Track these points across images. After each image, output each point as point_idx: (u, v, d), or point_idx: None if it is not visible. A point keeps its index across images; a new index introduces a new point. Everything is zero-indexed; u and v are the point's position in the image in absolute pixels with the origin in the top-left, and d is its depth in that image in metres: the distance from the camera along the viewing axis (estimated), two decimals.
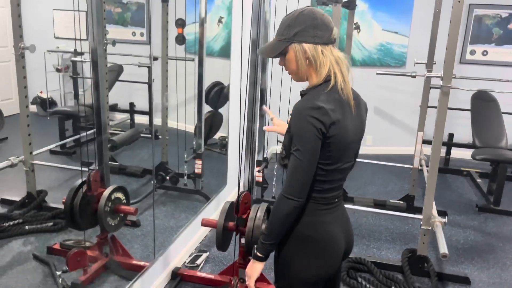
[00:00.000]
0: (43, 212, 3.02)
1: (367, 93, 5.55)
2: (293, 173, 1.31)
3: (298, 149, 1.29)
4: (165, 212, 3.26)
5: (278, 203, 1.34)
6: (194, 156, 3.50)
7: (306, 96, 1.35)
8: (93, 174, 2.33)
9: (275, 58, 1.42)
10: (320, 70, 1.34)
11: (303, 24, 1.32)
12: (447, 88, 2.37)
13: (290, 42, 1.34)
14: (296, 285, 1.44)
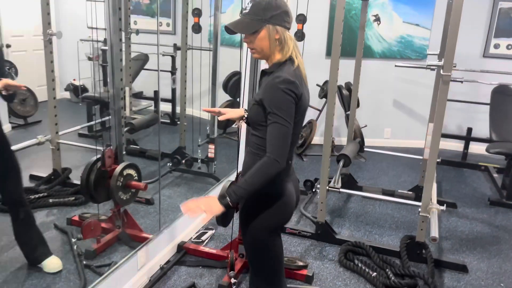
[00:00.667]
0: (67, 187, 3.27)
1: (385, 86, 5.62)
2: (281, 139, 1.46)
3: (281, 117, 1.45)
4: (178, 193, 3.45)
5: (267, 165, 1.45)
6: (207, 141, 3.65)
7: (276, 73, 1.51)
8: (107, 151, 2.52)
9: (247, 35, 1.55)
10: (285, 51, 1.54)
11: (278, 10, 1.50)
12: (447, 77, 2.40)
13: (266, 23, 1.50)
14: (262, 232, 1.64)
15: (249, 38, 1.55)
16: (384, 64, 5.04)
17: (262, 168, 1.46)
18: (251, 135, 1.62)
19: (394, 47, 5.06)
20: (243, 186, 1.46)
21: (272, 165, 1.45)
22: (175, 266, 2.59)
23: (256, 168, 1.47)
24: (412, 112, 5.27)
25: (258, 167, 1.47)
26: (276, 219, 1.64)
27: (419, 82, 5.07)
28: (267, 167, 1.46)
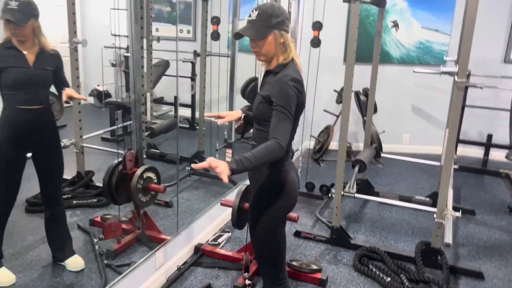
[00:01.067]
0: (90, 190, 3.39)
1: (404, 91, 5.60)
2: (284, 127, 1.59)
3: (286, 109, 1.59)
4: (196, 196, 3.53)
5: (273, 147, 1.55)
6: (225, 145, 3.73)
7: (283, 72, 1.66)
8: (128, 154, 2.62)
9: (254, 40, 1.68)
10: (288, 53, 1.69)
11: (282, 16, 1.66)
12: (462, 83, 2.40)
13: (273, 29, 1.65)
14: (273, 219, 1.77)
15: (256, 42, 1.68)
16: (403, 70, 5.03)
17: (269, 149, 1.55)
18: (257, 130, 1.75)
19: (413, 52, 5.05)
20: (250, 159, 1.51)
21: (276, 148, 1.55)
22: (192, 267, 2.66)
23: (264, 147, 1.55)
24: (431, 117, 5.23)
25: (265, 146, 1.55)
26: (285, 205, 1.77)
27: (438, 87, 5.03)
28: (272, 148, 1.55)
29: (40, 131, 2.21)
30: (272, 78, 1.70)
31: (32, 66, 2.11)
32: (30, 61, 2.11)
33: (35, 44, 2.13)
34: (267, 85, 1.72)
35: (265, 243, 1.81)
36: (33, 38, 2.11)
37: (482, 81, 4.38)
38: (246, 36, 1.68)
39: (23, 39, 2.07)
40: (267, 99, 1.65)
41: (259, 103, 1.71)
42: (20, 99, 2.10)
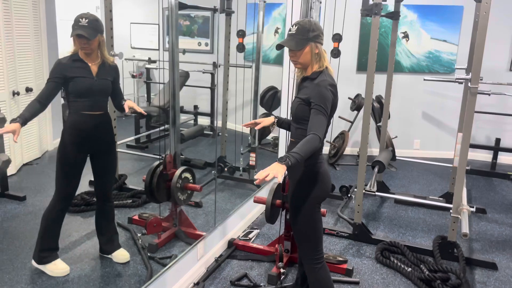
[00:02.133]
0: (123, 192, 3.63)
1: (414, 99, 5.87)
2: (322, 123, 1.83)
3: (324, 108, 1.85)
4: (223, 197, 3.76)
5: (314, 139, 1.78)
6: (249, 149, 3.97)
7: (320, 78, 1.92)
8: (167, 156, 2.87)
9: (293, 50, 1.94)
10: (322, 62, 1.96)
11: (317, 31, 1.94)
12: (475, 89, 2.64)
13: (309, 42, 1.92)
14: (312, 204, 2.01)
15: (295, 53, 1.94)
16: (413, 78, 5.28)
17: (310, 142, 1.78)
18: (296, 128, 2.00)
19: (423, 62, 5.30)
20: (298, 152, 1.72)
21: (316, 140, 1.78)
22: (227, 260, 2.88)
23: (305, 140, 1.78)
24: (440, 124, 5.46)
25: (306, 140, 1.78)
26: (320, 193, 2.02)
27: (447, 95, 5.27)
28: (314, 141, 1.78)
29: (100, 134, 2.46)
30: (309, 83, 1.95)
31: (95, 76, 2.36)
32: (94, 72, 2.35)
33: (98, 57, 2.38)
34: (305, 89, 1.96)
35: (305, 227, 2.03)
36: (97, 51, 2.36)
37: (490, 88, 4.63)
38: (286, 47, 1.95)
39: (91, 51, 2.32)
40: (306, 101, 1.90)
41: (298, 105, 1.95)
42: (85, 106, 2.34)
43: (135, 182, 3.72)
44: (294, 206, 2.06)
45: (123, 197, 3.52)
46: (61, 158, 2.39)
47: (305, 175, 2.00)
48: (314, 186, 1.99)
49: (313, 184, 1.99)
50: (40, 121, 3.28)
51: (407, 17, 5.16)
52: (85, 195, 3.38)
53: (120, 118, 5.54)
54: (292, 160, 1.69)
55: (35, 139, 3.24)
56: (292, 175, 2.08)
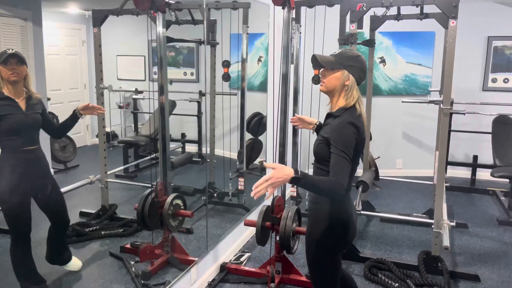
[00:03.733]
0: (114, 221, 3.67)
1: (394, 120, 6.08)
2: (345, 170, 1.70)
3: (344, 152, 1.71)
4: (213, 222, 3.82)
5: (334, 183, 1.66)
6: (237, 174, 4.07)
7: (344, 116, 1.80)
8: (159, 184, 2.95)
9: (324, 67, 1.87)
10: (349, 98, 1.83)
11: (358, 64, 1.84)
12: (447, 110, 2.82)
13: (344, 68, 1.83)
14: (332, 252, 1.91)
15: (326, 72, 1.86)
16: (392, 101, 5.50)
17: (331, 183, 1.67)
18: (317, 168, 1.90)
19: (400, 85, 5.55)
20: (311, 180, 1.64)
21: (338, 185, 1.66)
22: (220, 284, 2.94)
23: (327, 179, 1.69)
24: (420, 143, 5.67)
25: (328, 179, 1.68)
26: (345, 238, 1.91)
27: (425, 115, 5.50)
28: (334, 184, 1.66)
29: (37, 168, 2.43)
30: (332, 121, 1.84)
31: (25, 111, 2.32)
32: (23, 107, 2.32)
33: (24, 92, 2.35)
34: (327, 127, 1.85)
35: (323, 271, 1.94)
36: (23, 86, 2.34)
37: (465, 108, 4.87)
38: (319, 59, 1.84)
39: (19, 79, 2.27)
40: (326, 141, 1.79)
41: (319, 143, 1.84)
42: (20, 142, 2.31)
43: (125, 211, 3.76)
44: (312, 248, 1.94)
45: (114, 227, 3.56)
46: (4, 200, 2.29)
47: (327, 219, 1.87)
48: (335, 234, 1.87)
49: (335, 231, 1.87)
50: None
51: (382, 43, 5.43)
52: (76, 226, 3.41)
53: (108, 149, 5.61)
54: (302, 179, 1.58)
55: None
56: (313, 213, 1.97)
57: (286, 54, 2.74)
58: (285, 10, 2.61)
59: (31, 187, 2.41)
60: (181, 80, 5.66)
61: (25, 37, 3.73)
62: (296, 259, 3.27)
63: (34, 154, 2.39)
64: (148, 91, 5.52)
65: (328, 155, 1.76)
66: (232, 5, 3.57)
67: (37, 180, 2.45)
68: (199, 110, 5.41)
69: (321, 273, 1.95)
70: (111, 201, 3.84)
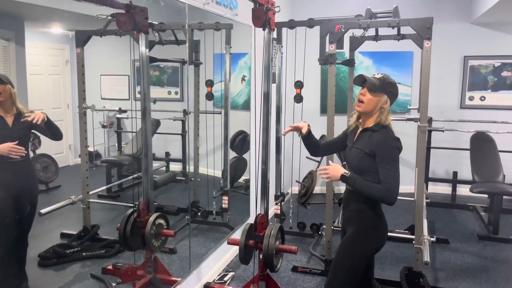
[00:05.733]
0: (96, 242, 3.61)
1: None
2: (396, 181, 1.96)
3: (395, 166, 1.98)
4: (197, 242, 3.80)
5: (384, 192, 1.92)
6: (221, 193, 4.07)
7: (386, 133, 2.04)
8: (141, 203, 2.93)
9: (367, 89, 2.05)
10: (384, 118, 2.06)
11: (396, 91, 2.10)
12: (424, 127, 2.90)
13: (384, 93, 2.04)
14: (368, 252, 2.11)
15: (367, 93, 2.04)
16: None
17: (379, 189, 1.94)
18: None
19: None
20: (361, 183, 1.95)
21: (387, 195, 1.93)
22: None
23: (381, 187, 1.94)
24: (402, 160, 5.71)
25: (382, 188, 1.94)
26: (378, 244, 2.15)
27: (405, 133, 5.53)
28: (382, 192, 1.94)
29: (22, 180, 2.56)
30: (372, 135, 2.04)
31: (11, 127, 2.48)
32: (9, 123, 2.48)
33: (13, 109, 2.52)
34: (367, 141, 2.05)
35: (351, 271, 2.09)
36: (11, 103, 2.52)
37: (443, 125, 4.99)
38: (368, 81, 2.04)
39: (3, 99, 2.46)
40: (369, 154, 2.00)
41: (361, 157, 2.04)
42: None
43: (107, 232, 3.71)
44: (347, 248, 2.11)
45: (96, 248, 3.50)
46: None
47: (368, 223, 2.09)
48: (373, 236, 2.09)
49: (373, 234, 2.09)
50: None
51: (363, 63, 5.57)
52: (57, 247, 3.36)
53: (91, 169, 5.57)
54: (351, 179, 1.94)
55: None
56: (351, 215, 2.15)
57: (267, 73, 2.79)
58: (265, 31, 2.68)
59: (14, 195, 2.50)
60: (166, 99, 5.69)
61: (7, 57, 3.73)
62: (280, 277, 3.26)
63: (20, 165, 2.48)
64: (131, 110, 5.52)
65: (371, 167, 1.99)
66: (215, 26, 3.63)
67: (22, 192, 2.55)
68: (183, 128, 5.43)
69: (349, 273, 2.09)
70: (93, 222, 3.79)
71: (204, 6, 3.04)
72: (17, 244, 2.66)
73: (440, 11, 5.38)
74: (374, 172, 1.99)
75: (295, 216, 4.26)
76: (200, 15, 3.34)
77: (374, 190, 1.96)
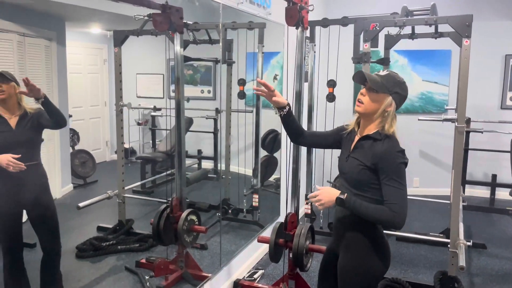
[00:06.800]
0: (131, 236, 3.73)
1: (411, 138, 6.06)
2: (404, 200, 1.65)
3: (402, 183, 1.66)
4: (227, 239, 3.84)
5: (387, 215, 1.64)
6: (252, 191, 4.10)
7: (390, 143, 1.70)
8: (174, 199, 3.00)
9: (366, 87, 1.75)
10: (388, 125, 1.74)
11: (403, 92, 1.76)
12: (462, 128, 2.81)
13: (389, 93, 1.72)
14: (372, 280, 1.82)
15: (368, 93, 1.73)
16: (408, 119, 5.47)
17: (386, 214, 1.64)
18: (356, 195, 1.74)
19: (416, 103, 5.53)
20: (361, 205, 1.66)
21: (389, 217, 1.63)
22: None
23: (379, 207, 1.66)
24: (438, 161, 5.60)
25: (380, 208, 1.65)
26: (384, 268, 1.83)
27: (442, 133, 5.45)
28: (386, 215, 1.64)
29: (29, 186, 2.33)
30: (372, 144, 1.72)
31: (15, 128, 2.27)
32: (12, 124, 2.28)
33: (18, 109, 2.30)
34: (365, 151, 1.74)
35: None
36: (16, 102, 2.29)
37: (482, 127, 4.81)
38: (367, 78, 1.71)
39: (5, 96, 2.23)
40: (369, 167, 1.70)
41: (361, 169, 1.72)
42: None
43: (141, 227, 3.82)
44: (349, 275, 1.83)
45: (130, 241, 3.61)
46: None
47: (369, 246, 1.78)
48: (377, 260, 1.78)
49: (377, 258, 1.78)
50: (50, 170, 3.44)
51: (398, 62, 5.45)
52: (93, 240, 3.48)
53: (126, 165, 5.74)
54: (349, 202, 1.64)
55: None
56: (350, 238, 1.84)
57: (299, 72, 2.79)
58: (298, 30, 2.67)
59: (22, 202, 2.34)
60: (198, 97, 5.78)
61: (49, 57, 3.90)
62: (310, 277, 3.25)
63: (28, 170, 2.25)
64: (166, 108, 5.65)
65: (372, 182, 1.70)
66: (248, 25, 3.66)
67: (29, 196, 2.35)
68: (215, 127, 5.50)
69: None
70: (128, 216, 3.91)
71: (238, 5, 3.07)
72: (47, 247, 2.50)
73: (480, 8, 5.19)
74: (375, 187, 1.70)
75: (326, 216, 4.22)
76: (233, 14, 3.37)
77: (377, 213, 1.66)
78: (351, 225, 1.82)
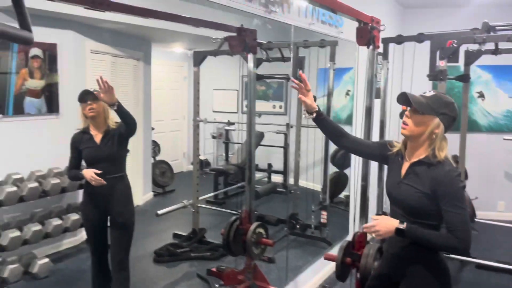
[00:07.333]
0: (203, 245, 3.91)
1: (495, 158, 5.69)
2: (466, 225, 1.60)
3: (461, 207, 1.60)
4: (294, 254, 3.87)
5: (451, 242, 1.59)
6: (320, 207, 4.10)
7: (447, 168, 1.63)
8: (244, 212, 3.11)
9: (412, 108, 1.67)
10: (440, 149, 1.65)
11: (451, 113, 1.66)
12: None
13: (436, 115, 1.64)
14: None
15: (413, 114, 1.65)
16: (492, 137, 5.13)
17: (451, 241, 1.59)
18: (413, 222, 1.67)
19: (501, 120, 5.16)
20: (423, 234, 1.61)
21: (461, 245, 1.59)
22: None
23: (445, 237, 1.61)
24: None
25: (447, 237, 1.60)
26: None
27: None
28: (455, 242, 1.59)
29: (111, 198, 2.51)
30: (427, 170, 1.66)
31: (100, 144, 2.47)
32: (98, 140, 2.47)
33: (103, 125, 2.49)
34: (421, 177, 1.67)
35: None
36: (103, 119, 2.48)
37: None
38: (411, 99, 1.63)
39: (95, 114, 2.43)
40: (428, 195, 1.64)
41: (418, 197, 1.66)
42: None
43: (213, 236, 3.99)
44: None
45: (202, 250, 3.79)
46: (83, 219, 2.64)
47: (431, 277, 1.73)
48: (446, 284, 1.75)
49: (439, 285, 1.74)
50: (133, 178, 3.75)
51: (481, 77, 5.15)
52: (169, 246, 3.71)
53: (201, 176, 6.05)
54: (410, 232, 1.59)
55: None
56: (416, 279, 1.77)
57: (370, 89, 2.78)
58: (369, 49, 2.68)
59: (107, 211, 2.52)
60: (270, 112, 5.93)
61: (137, 75, 4.28)
62: None
63: (111, 183, 2.44)
64: (238, 122, 5.88)
65: (432, 209, 1.64)
66: (319, 43, 3.71)
67: (113, 206, 2.52)
68: (286, 141, 5.59)
69: None
70: (201, 225, 4.11)
71: (309, 26, 3.15)
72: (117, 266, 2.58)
73: None
74: (434, 214, 1.64)
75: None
76: (305, 33, 3.45)
77: (441, 240, 1.61)
78: (411, 256, 1.76)
